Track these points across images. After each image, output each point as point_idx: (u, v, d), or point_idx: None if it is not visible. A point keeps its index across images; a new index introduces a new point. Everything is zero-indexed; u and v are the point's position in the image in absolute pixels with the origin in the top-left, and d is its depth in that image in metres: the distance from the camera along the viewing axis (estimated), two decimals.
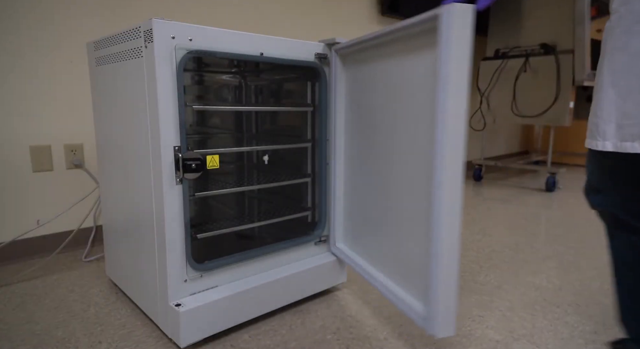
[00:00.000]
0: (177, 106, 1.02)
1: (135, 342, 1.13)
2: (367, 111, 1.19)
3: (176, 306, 1.05)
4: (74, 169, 1.78)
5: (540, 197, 2.92)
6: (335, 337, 1.16)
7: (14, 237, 1.60)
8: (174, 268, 1.07)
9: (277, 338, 1.15)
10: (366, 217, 1.24)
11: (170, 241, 1.05)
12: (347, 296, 1.40)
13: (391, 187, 1.11)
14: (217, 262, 1.15)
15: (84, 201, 1.79)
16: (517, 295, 1.43)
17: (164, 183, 1.03)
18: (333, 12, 2.60)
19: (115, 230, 1.36)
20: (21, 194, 1.67)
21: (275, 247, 1.27)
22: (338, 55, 1.27)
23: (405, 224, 1.04)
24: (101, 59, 1.27)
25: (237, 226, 1.33)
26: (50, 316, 1.26)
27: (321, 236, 1.38)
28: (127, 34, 1.08)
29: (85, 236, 1.80)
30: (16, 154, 1.64)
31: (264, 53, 1.15)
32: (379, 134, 1.14)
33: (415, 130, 0.99)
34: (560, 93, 2.89)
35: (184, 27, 1.00)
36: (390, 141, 1.10)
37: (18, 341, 1.14)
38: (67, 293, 1.41)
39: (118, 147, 1.24)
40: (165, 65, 0.99)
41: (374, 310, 1.31)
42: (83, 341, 1.14)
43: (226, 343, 1.13)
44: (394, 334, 1.18)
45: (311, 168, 1.40)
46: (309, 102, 1.36)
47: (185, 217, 1.07)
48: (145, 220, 1.13)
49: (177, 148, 1.03)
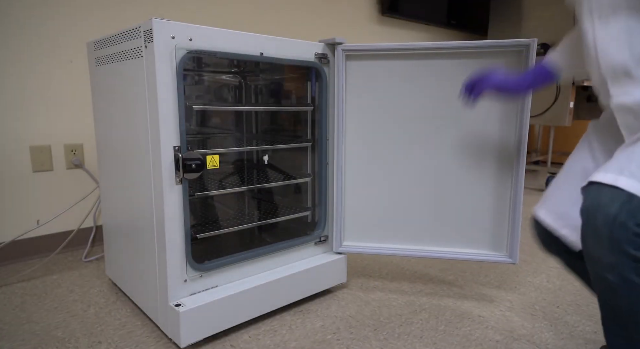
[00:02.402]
0: (177, 106, 1.02)
1: (135, 342, 1.13)
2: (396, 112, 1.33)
3: (176, 306, 1.05)
4: (74, 169, 1.78)
5: (540, 197, 2.92)
6: (335, 337, 1.16)
7: (14, 237, 1.60)
8: (174, 268, 1.07)
9: (277, 338, 1.15)
10: (392, 207, 1.38)
11: (170, 241, 1.05)
12: (347, 296, 1.40)
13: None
14: (217, 262, 1.14)
15: (84, 201, 1.79)
16: (517, 295, 1.43)
17: (164, 183, 1.02)
18: (333, 12, 2.60)
19: (115, 230, 1.35)
20: (21, 194, 1.67)
21: (275, 247, 1.27)
22: (344, 55, 1.28)
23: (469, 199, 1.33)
24: (101, 59, 1.27)
25: (237, 226, 1.33)
26: (50, 316, 1.26)
27: (321, 236, 1.38)
28: (127, 34, 1.08)
29: (85, 236, 1.80)
30: (16, 154, 1.64)
31: (264, 53, 1.15)
32: (412, 135, 1.34)
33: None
34: (560, 93, 2.89)
35: (184, 27, 1.00)
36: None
37: (18, 341, 1.14)
38: (67, 293, 1.41)
39: (118, 147, 1.24)
40: (165, 65, 0.99)
41: (374, 310, 1.31)
42: (83, 341, 1.14)
43: (226, 343, 1.13)
44: (394, 334, 1.18)
45: (311, 168, 1.40)
46: (309, 102, 1.36)
47: (185, 217, 1.07)
48: (145, 220, 1.13)
49: (177, 148, 1.03)
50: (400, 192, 1.36)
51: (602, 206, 0.70)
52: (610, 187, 0.70)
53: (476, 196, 1.32)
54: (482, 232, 1.34)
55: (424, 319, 1.26)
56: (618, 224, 0.68)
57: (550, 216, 0.97)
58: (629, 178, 0.69)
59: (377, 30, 2.88)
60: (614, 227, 0.68)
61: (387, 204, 1.38)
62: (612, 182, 0.70)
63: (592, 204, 0.72)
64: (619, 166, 0.72)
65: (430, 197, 1.35)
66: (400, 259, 1.74)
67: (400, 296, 1.41)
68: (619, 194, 0.69)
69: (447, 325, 1.23)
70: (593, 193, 0.73)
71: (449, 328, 1.22)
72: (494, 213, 1.33)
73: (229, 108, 1.58)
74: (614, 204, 0.69)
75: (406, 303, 1.36)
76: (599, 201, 0.71)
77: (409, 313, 1.30)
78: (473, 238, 1.34)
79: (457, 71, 1.26)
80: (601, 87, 0.83)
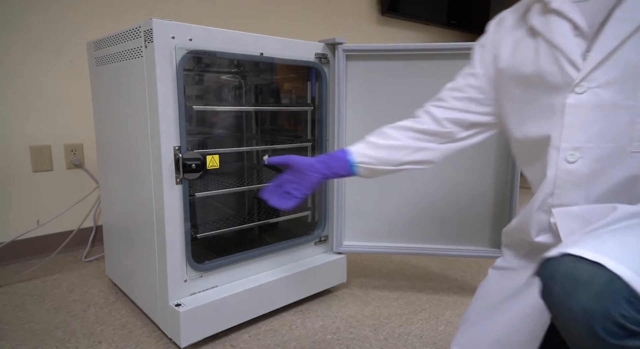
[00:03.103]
0: (177, 106, 1.02)
1: (135, 342, 1.13)
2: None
3: (176, 306, 1.05)
4: (74, 169, 1.78)
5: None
6: (335, 337, 1.16)
7: (14, 237, 1.60)
8: (174, 268, 1.07)
9: (277, 338, 1.15)
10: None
11: (170, 241, 1.05)
12: (347, 296, 1.40)
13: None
14: (217, 262, 1.14)
15: (84, 201, 1.79)
16: None
17: (164, 183, 1.02)
18: (333, 12, 2.60)
19: (115, 230, 1.35)
20: (21, 194, 1.67)
21: (275, 247, 1.27)
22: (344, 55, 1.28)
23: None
24: (101, 59, 1.27)
25: (237, 226, 1.33)
26: (50, 316, 1.26)
27: (321, 236, 1.38)
28: (127, 34, 1.08)
29: (85, 236, 1.80)
30: (16, 154, 1.64)
31: (264, 53, 1.15)
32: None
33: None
34: None
35: (184, 27, 1.00)
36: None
37: (18, 341, 1.14)
38: (67, 293, 1.41)
39: (118, 147, 1.24)
40: (165, 65, 0.99)
41: (374, 310, 1.31)
42: (83, 341, 1.14)
43: (226, 343, 1.13)
44: (394, 334, 1.18)
45: None
46: (309, 102, 1.36)
47: (185, 217, 1.07)
48: (145, 220, 1.13)
49: (177, 148, 1.03)
50: (400, 192, 1.36)
51: (582, 283, 0.54)
52: (590, 263, 0.54)
53: (476, 193, 1.32)
54: (482, 229, 1.34)
55: (424, 319, 1.26)
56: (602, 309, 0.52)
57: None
58: (608, 257, 0.54)
59: (377, 30, 2.88)
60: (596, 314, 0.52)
61: (387, 204, 1.38)
62: (593, 258, 0.54)
63: (565, 280, 0.56)
64: (591, 243, 0.57)
65: (430, 196, 1.35)
66: (400, 259, 1.74)
67: (400, 296, 1.41)
68: (601, 272, 0.53)
69: (447, 325, 1.23)
70: (568, 265, 0.56)
71: (448, 328, 1.22)
72: (494, 210, 1.33)
73: (229, 108, 1.58)
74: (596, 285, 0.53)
75: (406, 303, 1.36)
76: (577, 278, 0.55)
77: (409, 313, 1.30)
78: (473, 236, 1.35)
79: (457, 72, 1.26)
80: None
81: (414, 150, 0.90)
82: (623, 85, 0.67)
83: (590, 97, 0.69)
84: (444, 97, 0.90)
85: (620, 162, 0.68)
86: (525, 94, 0.78)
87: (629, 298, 0.50)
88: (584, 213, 0.71)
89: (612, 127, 0.68)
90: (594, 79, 0.68)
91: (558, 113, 0.72)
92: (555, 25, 0.73)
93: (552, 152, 0.73)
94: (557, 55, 0.72)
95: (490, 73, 0.86)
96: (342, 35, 1.36)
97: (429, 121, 0.90)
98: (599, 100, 0.68)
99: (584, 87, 0.69)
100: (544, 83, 0.75)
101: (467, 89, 0.88)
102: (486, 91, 0.87)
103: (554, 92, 0.73)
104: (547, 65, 0.74)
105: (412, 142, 0.90)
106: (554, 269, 0.57)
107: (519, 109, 0.80)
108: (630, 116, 0.67)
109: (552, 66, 0.73)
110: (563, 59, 0.71)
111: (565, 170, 0.72)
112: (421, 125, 0.91)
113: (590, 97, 0.69)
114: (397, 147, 0.91)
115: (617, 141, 0.68)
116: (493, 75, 0.85)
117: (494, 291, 0.89)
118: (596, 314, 0.51)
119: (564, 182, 0.72)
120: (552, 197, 0.74)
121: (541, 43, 0.75)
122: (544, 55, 0.74)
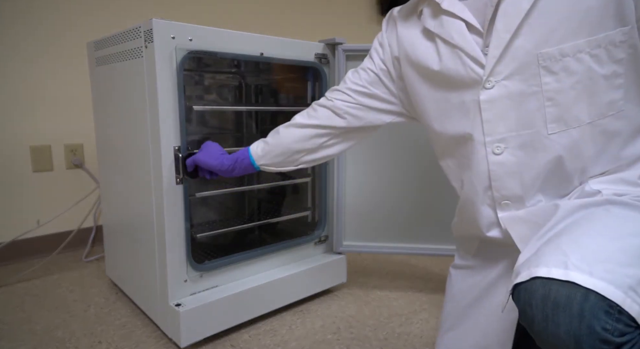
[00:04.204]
0: (177, 106, 1.02)
1: (135, 342, 1.13)
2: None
3: (176, 306, 1.05)
4: (74, 169, 1.78)
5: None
6: (335, 337, 1.16)
7: (14, 237, 1.60)
8: (174, 268, 1.07)
9: (277, 338, 1.15)
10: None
11: (170, 241, 1.05)
12: (347, 296, 1.40)
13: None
14: (217, 262, 1.15)
15: (84, 201, 1.79)
16: None
17: (164, 183, 1.03)
18: (333, 12, 2.60)
19: (116, 230, 1.36)
20: (21, 194, 1.67)
21: (275, 247, 1.27)
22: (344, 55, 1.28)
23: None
24: (101, 59, 1.27)
25: (237, 226, 1.33)
26: (50, 316, 1.26)
27: (321, 236, 1.38)
28: (127, 34, 1.08)
29: (85, 236, 1.80)
30: (16, 154, 1.64)
31: (264, 53, 1.15)
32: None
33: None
34: None
35: (184, 27, 1.00)
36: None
37: (18, 341, 1.14)
38: (67, 293, 1.41)
39: (118, 147, 1.24)
40: (165, 65, 0.99)
41: (374, 310, 1.31)
42: (83, 341, 1.14)
43: (226, 343, 1.13)
44: (394, 334, 1.18)
45: (311, 168, 1.40)
46: (309, 102, 1.36)
47: (185, 217, 1.07)
48: (145, 220, 1.13)
49: (177, 148, 1.03)
50: (400, 192, 1.36)
51: (561, 306, 0.53)
52: (561, 283, 0.53)
53: None
54: None
55: (424, 319, 1.26)
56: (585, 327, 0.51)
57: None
58: (576, 271, 0.54)
59: (377, 30, 2.87)
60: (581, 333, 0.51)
61: (388, 204, 1.38)
62: (564, 277, 0.54)
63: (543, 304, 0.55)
64: (554, 258, 0.56)
65: (430, 196, 1.35)
66: (400, 258, 1.74)
67: (400, 296, 1.41)
68: (574, 290, 0.53)
69: None
70: (542, 290, 0.55)
71: None
72: None
73: (229, 108, 1.58)
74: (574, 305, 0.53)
75: (406, 303, 1.36)
76: (555, 301, 0.53)
77: (409, 313, 1.30)
78: None
79: None
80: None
81: (310, 151, 0.96)
82: (524, 74, 0.69)
83: (500, 90, 0.71)
84: (343, 89, 0.94)
85: (542, 145, 0.71)
86: (435, 92, 0.81)
87: (606, 309, 0.51)
88: (530, 216, 0.73)
89: (526, 115, 0.71)
90: (499, 72, 0.71)
91: (473, 110, 0.75)
92: (451, 26, 0.75)
93: (478, 148, 0.75)
94: (459, 55, 0.74)
95: (391, 70, 0.90)
96: (342, 35, 1.36)
97: (326, 114, 0.94)
98: (508, 91, 0.71)
99: (492, 82, 0.71)
100: (451, 82, 0.77)
101: (366, 84, 0.92)
102: (386, 86, 0.92)
103: (462, 89, 0.75)
104: (452, 65, 0.76)
105: (309, 144, 0.95)
106: (530, 296, 0.56)
107: (432, 106, 0.83)
108: (539, 101, 0.70)
109: (456, 66, 0.75)
110: (466, 57, 0.73)
111: (495, 162, 0.74)
112: (318, 120, 0.94)
113: (500, 90, 0.71)
114: (294, 151, 0.96)
115: (533, 127, 0.71)
116: (394, 72, 0.90)
117: (461, 292, 0.91)
118: (582, 335, 0.51)
119: (497, 175, 0.75)
120: (491, 190, 0.76)
121: (440, 44, 0.77)
122: (446, 55, 0.76)
